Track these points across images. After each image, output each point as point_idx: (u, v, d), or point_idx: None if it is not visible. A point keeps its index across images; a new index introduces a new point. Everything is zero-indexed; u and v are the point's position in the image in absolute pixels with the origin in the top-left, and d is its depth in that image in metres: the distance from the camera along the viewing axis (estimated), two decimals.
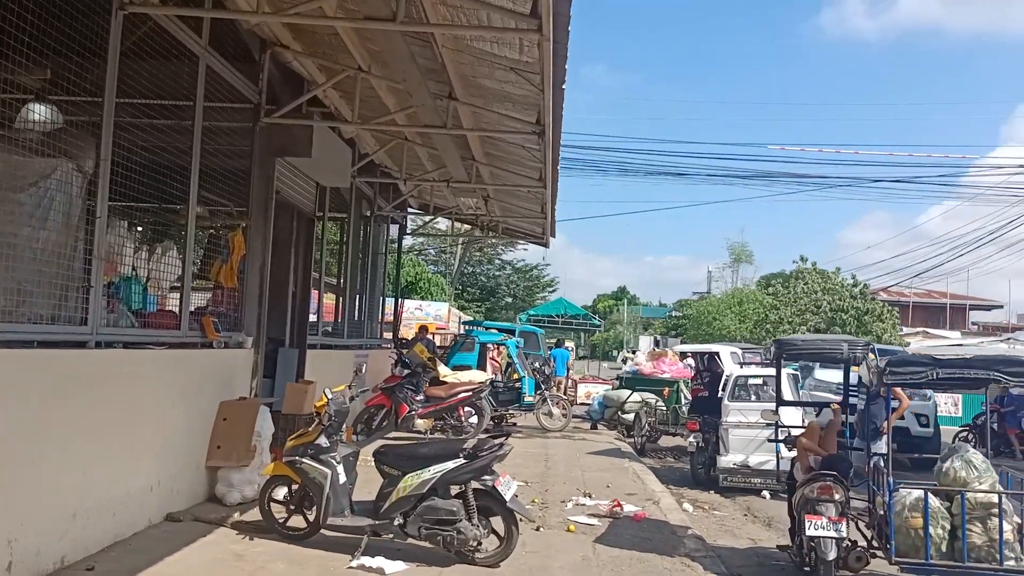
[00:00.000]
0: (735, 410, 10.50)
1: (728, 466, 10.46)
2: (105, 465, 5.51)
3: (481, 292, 60.95)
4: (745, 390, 10.60)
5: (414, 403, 11.90)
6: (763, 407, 10.39)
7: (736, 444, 10.49)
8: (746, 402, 10.59)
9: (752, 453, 10.36)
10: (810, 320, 29.76)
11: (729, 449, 10.55)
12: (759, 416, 10.24)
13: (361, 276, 14.42)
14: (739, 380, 10.63)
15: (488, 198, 13.11)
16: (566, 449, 12.17)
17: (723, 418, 10.44)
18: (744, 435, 10.42)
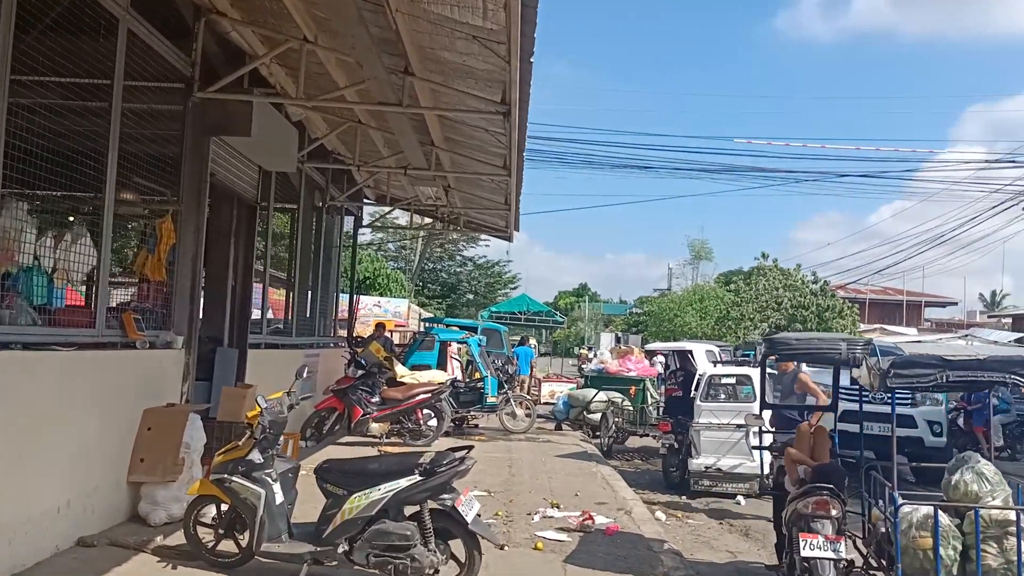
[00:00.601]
0: (707, 411, 10.00)
1: (699, 469, 9.96)
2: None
3: (442, 288, 60.10)
4: (718, 390, 10.10)
5: (369, 406, 11.15)
6: (738, 408, 9.95)
7: (708, 446, 9.99)
8: (719, 402, 10.10)
9: (724, 456, 9.87)
10: (771, 317, 29.66)
11: (701, 451, 10.05)
12: (733, 417, 9.80)
13: (313, 271, 13.60)
14: (712, 379, 10.12)
15: (449, 188, 12.40)
16: (531, 453, 11.54)
17: (694, 419, 9.94)
18: (716, 437, 9.92)
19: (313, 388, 11.92)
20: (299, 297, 13.02)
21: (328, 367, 12.72)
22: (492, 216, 14.83)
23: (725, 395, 10.08)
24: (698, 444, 10.00)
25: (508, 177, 9.74)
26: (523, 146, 8.73)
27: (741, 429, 9.65)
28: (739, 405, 9.95)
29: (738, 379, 10.12)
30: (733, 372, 10.36)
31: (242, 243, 9.36)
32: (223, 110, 7.40)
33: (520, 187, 10.94)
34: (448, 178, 11.79)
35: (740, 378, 10.11)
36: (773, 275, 30.02)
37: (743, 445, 9.62)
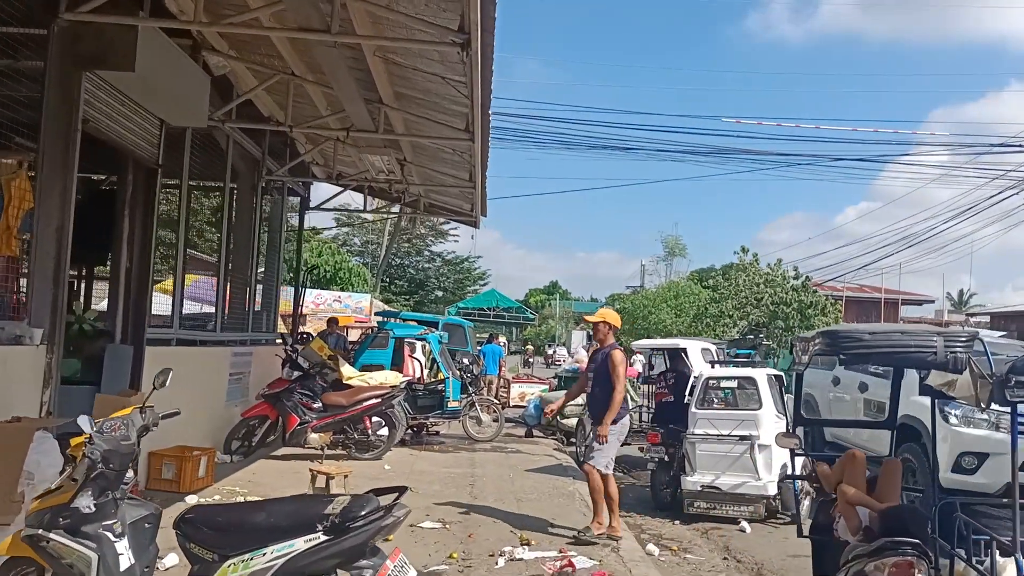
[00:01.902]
0: (704, 419, 8.53)
1: (694, 488, 8.47)
2: None
3: (410, 285, 58.32)
4: (717, 395, 8.65)
5: (307, 413, 9.51)
6: (740, 416, 8.50)
7: (705, 461, 8.50)
8: (718, 409, 8.65)
9: (724, 473, 8.40)
10: (751, 313, 28.46)
11: (696, 467, 8.56)
12: (734, 428, 8.36)
13: (252, 257, 11.89)
14: (710, 382, 8.66)
15: (404, 162, 10.77)
16: (498, 466, 9.99)
17: (689, 429, 8.48)
18: (715, 450, 8.46)
19: (244, 392, 10.27)
20: (234, 287, 11.34)
21: (264, 367, 11.01)
22: (456, 198, 13.24)
23: (725, 401, 8.63)
24: (693, 458, 8.52)
25: (471, 142, 8.15)
26: (488, 99, 7.16)
27: (744, 442, 8.21)
28: (741, 413, 8.50)
29: (740, 382, 8.67)
30: (734, 374, 8.91)
31: (139, 216, 7.64)
32: (99, 37, 5.73)
33: (486, 158, 9.37)
34: (403, 147, 10.17)
35: (742, 381, 8.66)
36: (753, 270, 28.80)
37: (746, 460, 8.18)
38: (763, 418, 8.29)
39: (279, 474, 8.64)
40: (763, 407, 8.27)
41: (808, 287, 28.23)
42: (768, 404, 8.31)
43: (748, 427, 8.24)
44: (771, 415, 8.27)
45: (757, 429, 8.16)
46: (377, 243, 50.78)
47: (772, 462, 8.12)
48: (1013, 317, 37.52)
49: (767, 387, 8.40)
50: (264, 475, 8.60)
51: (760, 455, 8.21)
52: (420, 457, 10.41)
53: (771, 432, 8.13)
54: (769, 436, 8.13)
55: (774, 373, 9.02)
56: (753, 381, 8.46)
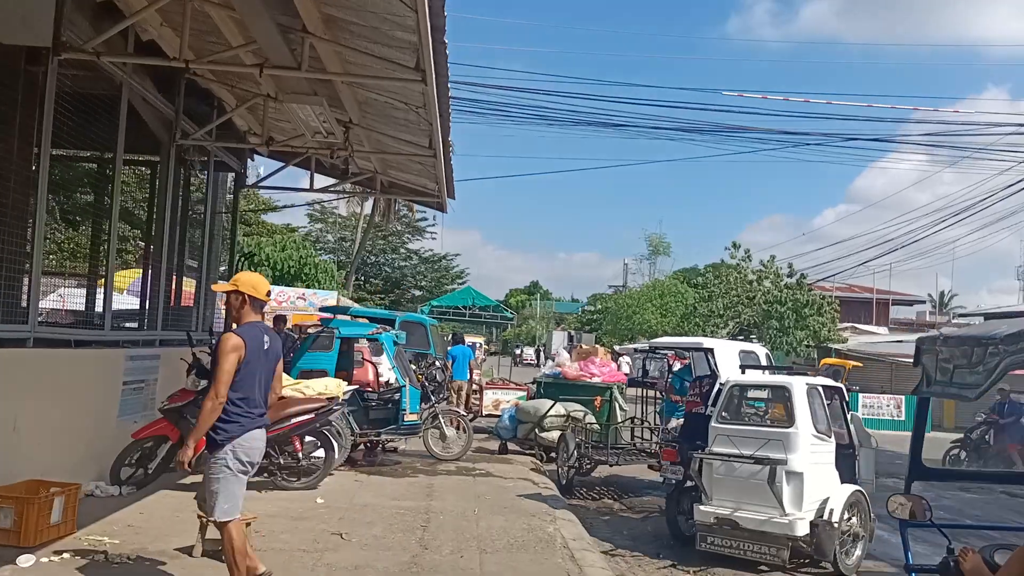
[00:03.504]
0: (724, 435, 6.78)
1: (707, 521, 6.78)
2: None
3: (385, 283, 56.34)
4: (743, 406, 6.93)
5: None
6: (766, 434, 6.70)
7: (721, 488, 6.82)
8: (741, 424, 6.90)
9: (744, 505, 6.65)
10: (743, 313, 26.79)
11: (711, 495, 6.84)
12: (758, 447, 6.57)
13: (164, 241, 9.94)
14: (735, 391, 6.94)
15: (350, 124, 8.84)
16: (460, 497, 8.09)
17: (707, 446, 6.83)
18: (734, 475, 6.73)
19: (147, 405, 8.28)
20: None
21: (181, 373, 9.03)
22: (418, 175, 11.32)
23: (751, 415, 7.06)
24: (707, 483, 6.84)
25: (423, 84, 6.25)
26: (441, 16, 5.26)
27: (763, 464, 6.44)
28: (768, 430, 6.77)
29: (771, 392, 6.93)
30: (764, 382, 7.16)
31: None
32: None
33: (447, 115, 7.46)
34: (347, 105, 8.26)
35: (774, 391, 6.92)
36: (745, 266, 27.14)
37: (768, 489, 6.42)
38: (795, 438, 6.57)
39: (174, 513, 6.69)
40: (796, 424, 6.57)
41: (803, 285, 26.62)
42: (803, 421, 6.58)
43: (775, 448, 6.52)
44: (806, 435, 6.57)
45: (786, 451, 6.47)
46: (352, 240, 48.75)
47: (803, 494, 6.44)
48: (1008, 317, 36.31)
49: (804, 399, 6.66)
50: (154, 515, 6.65)
51: (788, 485, 6.48)
52: (366, 484, 8.49)
53: (805, 457, 6.47)
54: (802, 461, 6.47)
55: (822, 383, 7.24)
56: (787, 391, 6.72)
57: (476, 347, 29.01)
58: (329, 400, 8.05)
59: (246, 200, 40.09)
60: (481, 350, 30.45)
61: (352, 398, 9.62)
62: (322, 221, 54.81)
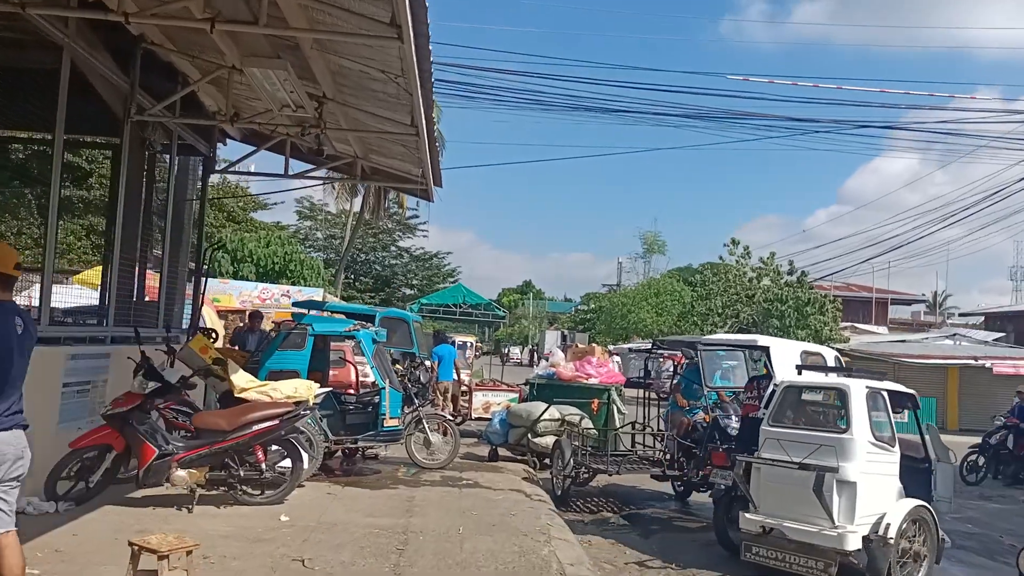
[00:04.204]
0: (773, 439, 6.30)
1: (753, 530, 6.26)
2: None
3: (376, 282, 55.46)
4: (797, 409, 6.51)
5: (169, 440, 6.70)
6: (820, 439, 6.06)
7: (768, 495, 6.28)
8: (792, 428, 6.41)
9: (793, 515, 6.09)
10: (743, 311, 26.02)
11: (758, 502, 6.29)
12: (809, 453, 5.97)
13: (128, 230, 9.08)
14: (789, 392, 6.52)
15: (324, 99, 7.98)
16: (444, 512, 7.25)
17: (757, 451, 6.38)
18: (782, 481, 6.17)
19: (94, 410, 7.40)
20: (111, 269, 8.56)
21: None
22: (401, 160, 10.48)
23: (806, 418, 6.47)
24: (754, 490, 6.33)
25: (400, 42, 5.41)
26: None
27: (810, 470, 5.83)
28: (820, 435, 6.21)
29: (826, 394, 6.49)
30: (820, 383, 6.56)
31: None
32: None
33: (429, 82, 6.62)
34: (319, 77, 7.41)
35: (829, 393, 6.45)
36: (745, 263, 26.37)
37: (816, 498, 5.84)
38: (849, 445, 6.02)
39: (113, 534, 5.83)
40: (852, 429, 6.02)
41: (805, 283, 25.87)
42: (860, 427, 6.04)
43: (826, 455, 5.96)
44: (863, 442, 6.03)
45: (838, 458, 5.92)
46: (342, 237, 47.85)
47: (856, 506, 5.88)
48: (1011, 317, 35.67)
49: (862, 403, 6.11)
50: (89, 537, 5.79)
51: (839, 495, 5.92)
52: (339, 497, 7.64)
53: (860, 465, 5.97)
54: (857, 470, 5.96)
55: (888, 387, 6.58)
56: (843, 393, 6.20)
57: (467, 346, 28.13)
58: (297, 404, 7.20)
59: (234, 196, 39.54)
60: (472, 349, 29.50)
61: (327, 401, 8.78)
62: (311, 218, 53.92)
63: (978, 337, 29.01)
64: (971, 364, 23.62)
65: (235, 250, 28.51)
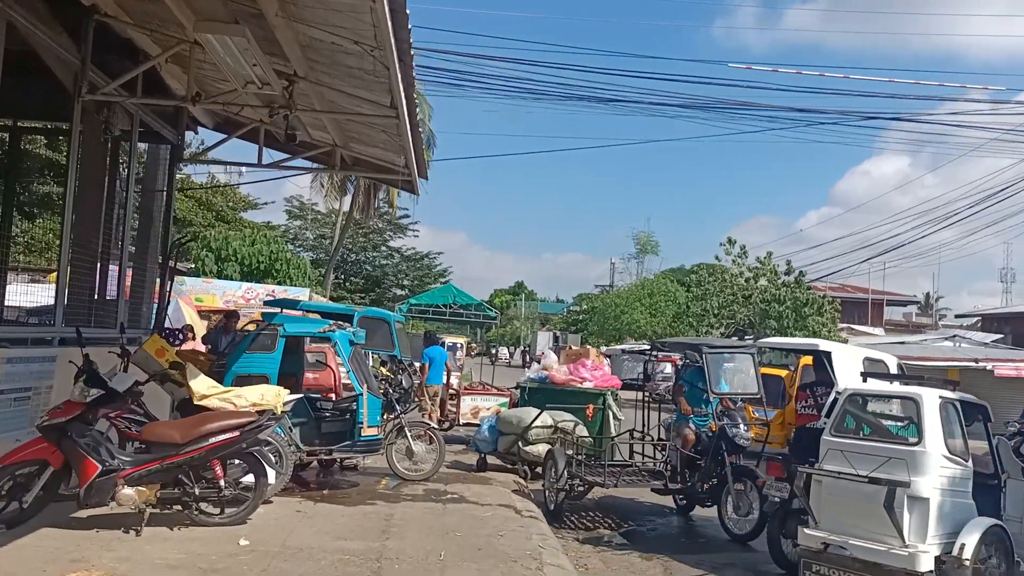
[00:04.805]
0: (837, 451, 5.83)
1: (814, 546, 5.77)
2: None
3: (366, 282, 54.71)
4: (861, 419, 6.08)
5: (115, 455, 5.97)
6: (890, 452, 5.50)
7: (832, 509, 5.79)
8: (858, 439, 5.98)
9: (858, 531, 5.60)
10: (739, 312, 25.41)
11: (819, 517, 5.81)
12: (877, 467, 5.43)
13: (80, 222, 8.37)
14: (854, 401, 6.09)
15: (295, 78, 7.28)
16: (425, 533, 6.54)
17: (818, 462, 5.94)
18: (847, 495, 5.69)
19: (34, 420, 6.65)
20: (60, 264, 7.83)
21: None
22: (383, 148, 9.79)
23: (871, 428, 6.06)
24: (815, 504, 5.85)
25: (371, 1, 4.71)
26: None
27: (881, 485, 5.37)
28: (890, 447, 5.74)
29: (896, 403, 6.18)
30: (889, 392, 6.23)
31: None
32: None
33: (409, 53, 5.94)
34: (289, 54, 6.71)
35: (899, 402, 6.09)
36: (741, 263, 25.76)
37: (886, 515, 5.36)
38: (922, 459, 5.55)
39: (46, 562, 5.12)
40: (924, 441, 5.57)
41: (802, 283, 25.28)
42: (933, 439, 5.57)
43: (897, 468, 5.51)
44: (936, 456, 5.56)
45: (910, 472, 5.48)
46: (331, 237, 47.08)
47: (929, 524, 5.42)
48: (1008, 319, 35.22)
49: (935, 414, 5.63)
50: (16, 567, 5.07)
51: (911, 511, 5.45)
52: (309, 516, 6.92)
53: (933, 480, 5.51)
54: (930, 485, 5.50)
55: (961, 398, 6.02)
56: (915, 404, 5.71)
57: (457, 348, 27.36)
58: (260, 414, 6.48)
59: (223, 196, 38.71)
60: (462, 351, 28.73)
61: (300, 408, 8.08)
62: (301, 218, 53.14)
63: (977, 339, 28.50)
64: (972, 366, 23.06)
65: (219, 249, 27.72)
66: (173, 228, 11.54)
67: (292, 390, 7.80)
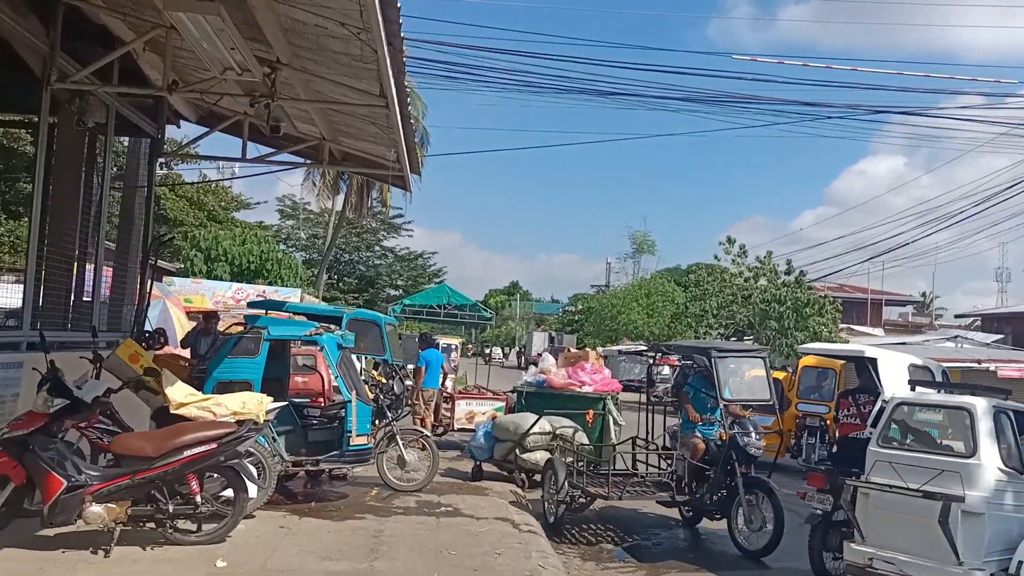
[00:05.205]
0: (885, 463, 5.56)
1: (860, 562, 5.52)
2: None
3: (359, 282, 54.22)
4: (910, 429, 5.83)
5: (82, 470, 5.52)
6: (942, 464, 5.16)
7: (879, 525, 5.52)
8: (907, 450, 5.69)
9: (908, 547, 5.34)
10: (739, 313, 25.02)
11: (865, 532, 5.56)
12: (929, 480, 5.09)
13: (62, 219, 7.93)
14: (902, 410, 5.78)
15: (277, 64, 6.83)
16: (416, 554, 6.10)
17: (864, 474, 5.65)
18: (895, 510, 5.43)
19: None
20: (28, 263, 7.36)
21: None
22: (373, 142, 9.35)
23: (921, 440, 5.82)
24: (862, 518, 5.60)
25: None
26: None
27: (934, 500, 5.11)
28: (941, 459, 5.43)
29: (946, 414, 5.87)
30: (940, 401, 5.93)
31: None
32: None
33: (399, 35, 5.51)
34: (264, 30, 6.25)
35: (952, 413, 5.73)
36: (741, 262, 25.37)
37: (939, 531, 5.09)
38: (976, 472, 5.25)
39: None
40: (978, 454, 5.25)
41: (803, 283, 24.90)
42: (988, 451, 5.27)
43: (949, 481, 5.20)
44: (991, 469, 5.26)
45: (963, 486, 5.18)
46: (324, 237, 46.59)
47: (985, 540, 5.10)
48: (1008, 319, 34.89)
49: (989, 424, 5.32)
50: None
51: (965, 527, 5.14)
52: (293, 532, 6.47)
53: (988, 495, 5.19)
54: (984, 499, 5.19)
55: (1015, 407, 5.65)
56: (968, 414, 5.41)
57: (451, 349, 26.84)
58: (240, 424, 6.04)
59: (215, 195, 38.15)
60: (457, 352, 28.24)
61: (285, 416, 7.63)
62: (293, 217, 52.62)
63: (978, 339, 28.17)
64: (975, 367, 22.72)
65: (208, 248, 27.22)
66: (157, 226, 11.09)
67: (277, 397, 7.34)
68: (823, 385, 13.33)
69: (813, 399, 12.99)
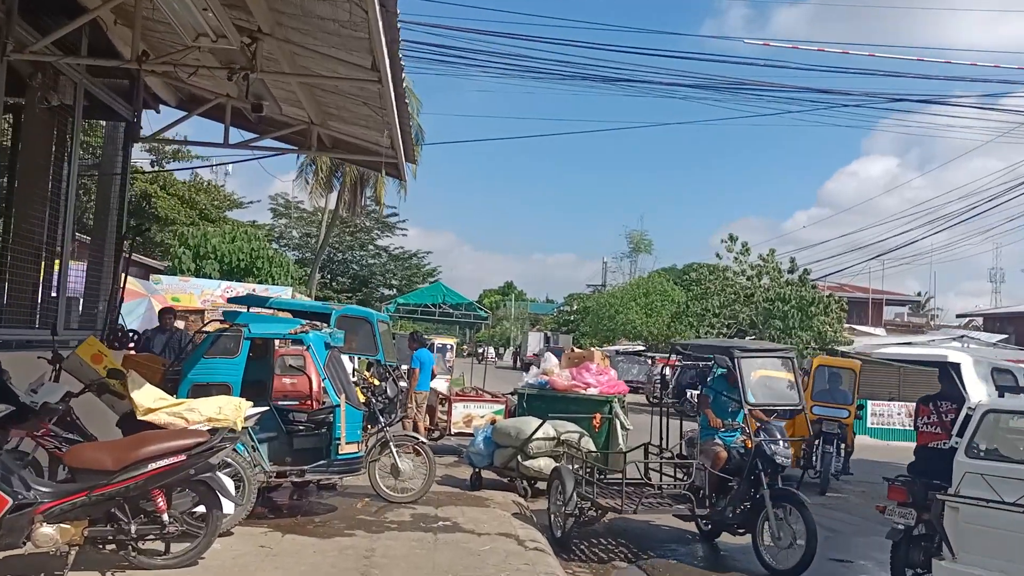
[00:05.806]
0: (976, 475, 5.02)
1: None
2: None
3: (353, 281, 53.51)
4: (1003, 439, 5.29)
5: (31, 486, 4.86)
6: None
7: (973, 542, 5.02)
8: (1002, 462, 5.14)
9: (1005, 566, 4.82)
10: (741, 312, 24.43)
11: (957, 551, 5.07)
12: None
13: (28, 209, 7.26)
14: (991, 418, 5.25)
15: (258, 34, 6.17)
16: (413, 571, 5.45)
17: (952, 488, 5.16)
18: (992, 526, 4.92)
19: None
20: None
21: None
22: (365, 127, 8.69)
23: (1010, 449, 5.26)
24: (952, 534, 5.10)
25: None
26: None
27: None
28: None
29: None
30: None
31: None
32: None
33: (394, 17, 4.86)
34: None
35: None
36: (744, 260, 24.78)
37: None
38: None
39: None
40: None
41: (807, 281, 24.33)
42: None
43: None
44: None
45: None
46: (317, 235, 45.86)
47: None
48: (1011, 319, 34.48)
49: None
50: None
51: None
52: (274, 553, 5.82)
53: None
54: None
55: None
56: None
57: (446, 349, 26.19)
58: (215, 432, 5.38)
59: (207, 194, 37.38)
60: (452, 352, 27.52)
61: (269, 421, 6.97)
62: (286, 216, 51.87)
63: (983, 339, 27.70)
64: None
65: (197, 246, 26.51)
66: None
67: (258, 401, 6.68)
68: (839, 387, 12.73)
69: (828, 402, 12.40)
